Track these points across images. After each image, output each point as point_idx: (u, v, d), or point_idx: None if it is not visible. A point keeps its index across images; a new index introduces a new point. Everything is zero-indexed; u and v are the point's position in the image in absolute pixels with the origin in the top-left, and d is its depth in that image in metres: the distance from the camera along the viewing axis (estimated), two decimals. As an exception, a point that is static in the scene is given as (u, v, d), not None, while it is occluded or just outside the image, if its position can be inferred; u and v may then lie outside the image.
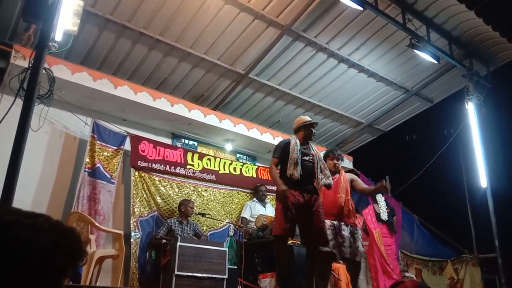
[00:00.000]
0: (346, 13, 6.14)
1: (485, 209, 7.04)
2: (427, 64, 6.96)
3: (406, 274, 7.47)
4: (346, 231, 4.33)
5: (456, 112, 7.77)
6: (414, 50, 6.20)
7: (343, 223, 4.36)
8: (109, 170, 5.76)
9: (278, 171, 4.33)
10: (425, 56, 6.33)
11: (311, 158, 4.32)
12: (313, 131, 4.44)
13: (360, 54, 6.97)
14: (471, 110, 7.19)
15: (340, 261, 5.03)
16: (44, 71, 3.17)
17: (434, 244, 8.78)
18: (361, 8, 5.53)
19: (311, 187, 4.22)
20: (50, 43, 3.24)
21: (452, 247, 8.79)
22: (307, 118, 4.54)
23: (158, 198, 6.10)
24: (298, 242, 5.86)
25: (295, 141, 4.32)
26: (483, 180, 6.99)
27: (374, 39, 6.69)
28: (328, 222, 4.27)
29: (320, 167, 4.33)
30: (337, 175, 4.57)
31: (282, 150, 4.28)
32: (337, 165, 4.61)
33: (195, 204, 6.20)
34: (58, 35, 3.40)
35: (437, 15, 6.37)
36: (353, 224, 4.44)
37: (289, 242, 5.63)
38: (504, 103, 8.93)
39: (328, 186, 4.30)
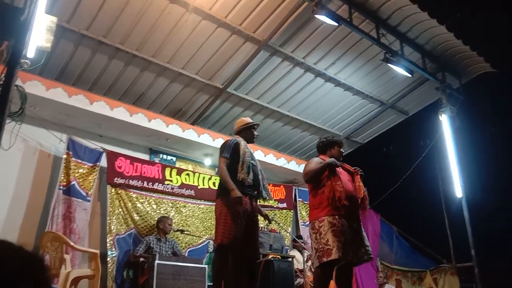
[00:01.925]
0: (321, 29, 6.24)
1: (462, 218, 7.16)
2: (401, 78, 7.11)
3: (387, 286, 7.52)
4: (362, 230, 3.68)
5: (431, 124, 7.93)
6: (389, 64, 6.34)
7: (359, 221, 3.68)
8: (84, 187, 5.65)
9: None
10: (399, 70, 6.47)
11: (255, 162, 4.02)
12: (255, 133, 4.19)
13: (336, 69, 7.08)
14: (445, 122, 7.35)
15: None
16: (15, 88, 3.10)
17: (413, 255, 8.88)
18: (336, 24, 5.63)
19: (257, 194, 3.94)
20: (22, 60, 3.18)
21: (430, 257, 8.91)
22: (249, 119, 4.30)
23: (136, 215, 6.00)
24: (279, 256, 5.86)
25: (244, 143, 3.99)
26: (458, 190, 7.13)
27: (349, 54, 6.81)
28: (345, 223, 3.52)
29: (263, 174, 4.05)
30: (340, 168, 3.87)
31: (233, 150, 3.88)
32: (342, 153, 4.00)
33: (174, 221, 6.12)
34: (30, 52, 3.34)
35: (410, 30, 6.53)
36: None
37: (270, 257, 5.64)
38: (477, 114, 9.21)
39: (266, 200, 4.00)
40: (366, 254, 3.56)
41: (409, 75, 6.65)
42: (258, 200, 4.05)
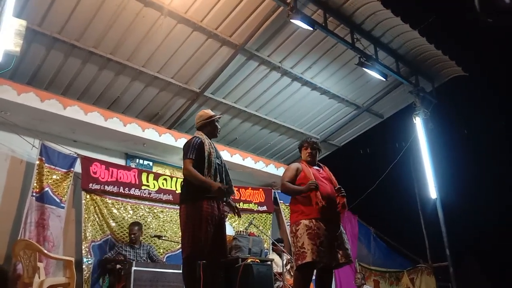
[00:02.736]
0: (297, 33, 6.29)
1: (436, 219, 7.31)
2: (376, 81, 7.23)
3: (365, 287, 7.60)
4: (342, 233, 3.66)
5: (406, 126, 8.12)
6: (363, 68, 6.44)
7: (338, 223, 3.67)
8: (58, 194, 5.54)
9: None
10: (374, 74, 6.58)
11: (220, 160, 3.78)
12: (218, 126, 3.94)
13: (312, 73, 7.14)
14: (418, 125, 7.51)
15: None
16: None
17: (391, 255, 9.03)
18: (311, 28, 5.69)
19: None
20: (-10, 64, 3.11)
21: (407, 257, 9.08)
22: (210, 112, 3.98)
23: (112, 221, 5.91)
24: (258, 260, 5.85)
25: (209, 142, 3.73)
26: (432, 191, 7.28)
27: (325, 58, 6.88)
28: (322, 227, 3.53)
29: (226, 171, 3.81)
30: (319, 168, 3.92)
31: (198, 151, 3.59)
32: (312, 154, 3.91)
33: (151, 226, 6.05)
34: (-2, 56, 3.27)
35: (383, 34, 6.65)
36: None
37: (249, 261, 5.63)
38: (449, 117, 9.46)
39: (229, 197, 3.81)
40: (344, 257, 3.54)
41: (384, 79, 6.77)
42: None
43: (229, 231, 6.25)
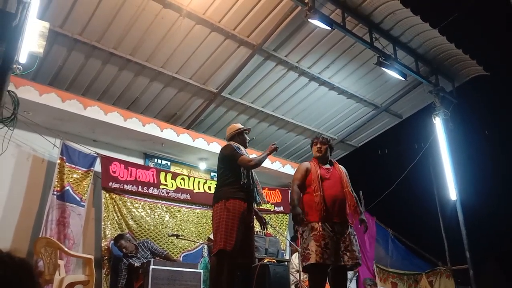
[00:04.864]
0: (315, 33, 6.26)
1: (456, 221, 7.18)
2: (395, 81, 7.13)
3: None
4: (350, 234, 3.63)
5: (425, 127, 7.98)
6: (382, 68, 6.36)
7: (346, 225, 3.65)
8: (78, 192, 5.64)
9: None
10: (393, 74, 6.48)
11: None
12: (247, 137, 4.24)
13: (330, 72, 7.09)
14: (438, 125, 7.38)
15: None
16: (7, 93, 3.10)
17: (409, 257, 8.89)
18: (329, 28, 5.64)
19: (253, 200, 3.89)
20: (14, 65, 3.18)
21: (426, 259, 8.93)
22: (239, 125, 4.33)
23: (130, 220, 5.98)
24: (274, 260, 5.85)
25: (243, 148, 4.05)
26: (452, 193, 7.15)
27: (343, 58, 6.83)
28: (327, 228, 3.55)
29: (256, 178, 4.01)
30: (329, 166, 3.90)
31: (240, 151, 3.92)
32: (321, 149, 3.92)
33: (168, 225, 6.10)
34: (22, 57, 3.34)
35: (403, 33, 6.56)
36: (352, 223, 3.76)
37: (265, 261, 5.63)
38: (469, 117, 9.28)
39: (258, 204, 3.96)
40: (352, 259, 3.53)
41: (403, 79, 6.66)
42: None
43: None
